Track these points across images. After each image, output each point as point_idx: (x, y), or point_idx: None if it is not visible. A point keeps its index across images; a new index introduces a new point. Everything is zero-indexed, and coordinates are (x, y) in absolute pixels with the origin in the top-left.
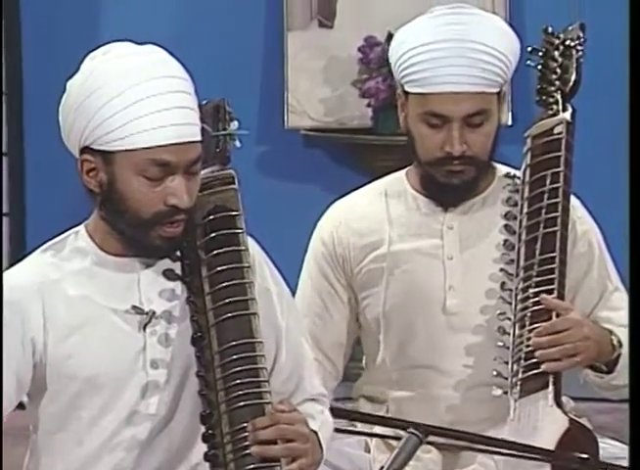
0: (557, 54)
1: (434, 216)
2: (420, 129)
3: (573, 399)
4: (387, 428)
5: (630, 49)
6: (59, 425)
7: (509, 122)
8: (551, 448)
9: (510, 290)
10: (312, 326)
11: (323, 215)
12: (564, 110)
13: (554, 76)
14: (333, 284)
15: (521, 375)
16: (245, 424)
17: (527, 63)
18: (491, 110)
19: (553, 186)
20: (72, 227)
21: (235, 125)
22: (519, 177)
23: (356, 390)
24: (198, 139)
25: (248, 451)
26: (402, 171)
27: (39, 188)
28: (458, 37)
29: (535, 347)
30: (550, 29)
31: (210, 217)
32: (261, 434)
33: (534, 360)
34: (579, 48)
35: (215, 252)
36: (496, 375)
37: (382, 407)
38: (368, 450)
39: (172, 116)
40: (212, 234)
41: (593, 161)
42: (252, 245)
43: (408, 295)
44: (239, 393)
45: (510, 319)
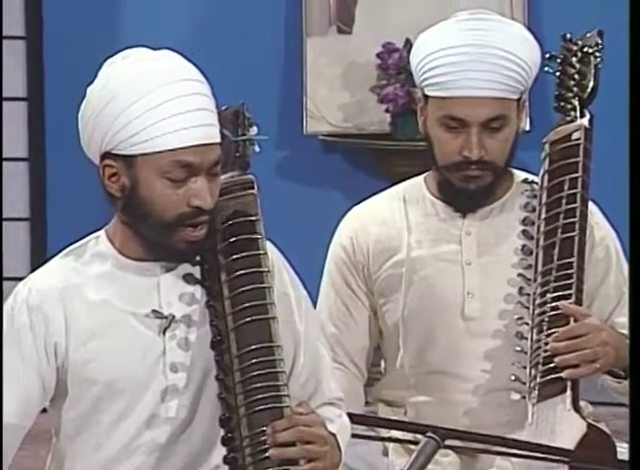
0: (575, 60)
1: (452, 222)
2: (438, 133)
3: (592, 403)
4: (405, 432)
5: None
6: (79, 429)
7: (527, 128)
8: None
9: (528, 295)
10: (337, 332)
11: (342, 221)
12: (582, 116)
13: (572, 83)
14: (354, 290)
15: (539, 380)
16: (264, 428)
17: (546, 69)
18: (510, 116)
19: (571, 192)
20: (93, 232)
21: (254, 131)
22: (537, 183)
23: (375, 394)
24: (218, 141)
25: (266, 455)
26: (421, 177)
27: (60, 193)
28: (479, 43)
29: (553, 352)
30: (568, 36)
31: (230, 222)
32: (280, 436)
33: (552, 365)
34: (597, 55)
35: (235, 256)
36: (514, 380)
37: (400, 412)
38: (386, 454)
39: (194, 117)
40: (232, 239)
41: (611, 166)
42: (272, 250)
43: (427, 300)
44: (258, 396)
45: (528, 324)
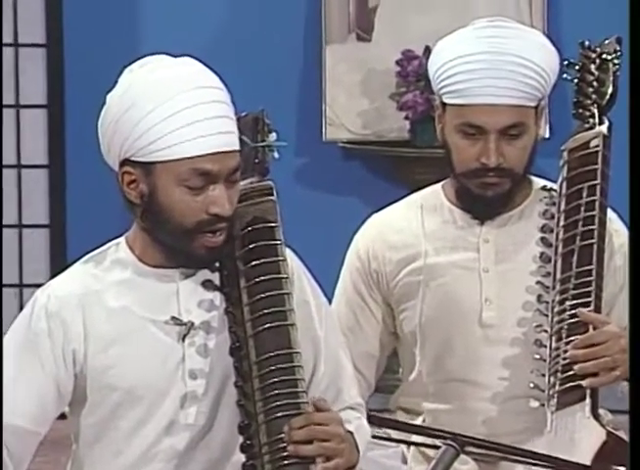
0: (593, 67)
1: (470, 229)
2: (456, 140)
3: (611, 411)
4: (424, 438)
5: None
6: (98, 435)
7: (546, 136)
8: (588, 461)
9: (547, 302)
10: (344, 340)
11: (360, 229)
12: (600, 123)
13: (590, 90)
14: (365, 299)
15: (558, 387)
16: (282, 435)
17: (564, 76)
18: (528, 123)
19: (589, 199)
20: (113, 239)
21: (273, 137)
22: (555, 190)
23: (393, 401)
24: (237, 148)
25: (286, 462)
26: (439, 184)
27: (80, 200)
28: (497, 50)
29: (572, 359)
30: (587, 43)
31: (249, 228)
32: (296, 434)
33: (571, 373)
34: (616, 62)
35: (254, 263)
36: (533, 387)
37: (418, 419)
38: (405, 462)
39: (213, 125)
40: (251, 245)
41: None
42: (291, 257)
43: (444, 308)
44: (277, 403)
45: (547, 332)
